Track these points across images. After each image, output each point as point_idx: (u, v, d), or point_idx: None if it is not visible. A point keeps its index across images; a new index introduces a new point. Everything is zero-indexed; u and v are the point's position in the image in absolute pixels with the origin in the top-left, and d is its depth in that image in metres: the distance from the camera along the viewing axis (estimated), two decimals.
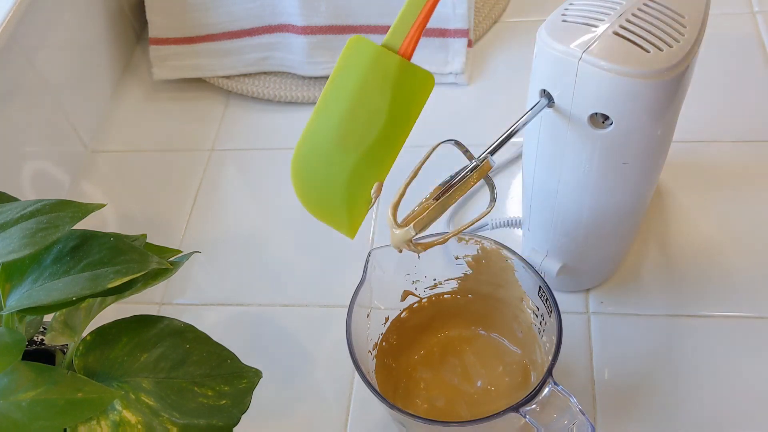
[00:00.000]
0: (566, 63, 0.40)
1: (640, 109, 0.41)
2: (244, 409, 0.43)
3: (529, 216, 0.54)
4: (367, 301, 0.49)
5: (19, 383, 0.36)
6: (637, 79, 0.39)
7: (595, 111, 0.41)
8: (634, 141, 0.43)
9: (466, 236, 0.50)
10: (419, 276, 0.52)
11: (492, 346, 0.52)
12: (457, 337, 0.53)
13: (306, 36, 0.76)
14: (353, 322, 0.46)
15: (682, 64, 0.40)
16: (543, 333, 0.49)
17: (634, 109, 0.41)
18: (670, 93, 0.41)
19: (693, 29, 0.41)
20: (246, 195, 0.71)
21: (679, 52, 0.40)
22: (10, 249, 0.38)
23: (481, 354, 0.52)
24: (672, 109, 0.43)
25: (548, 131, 0.45)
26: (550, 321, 0.46)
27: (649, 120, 0.42)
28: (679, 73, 0.40)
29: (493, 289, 0.52)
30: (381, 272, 0.49)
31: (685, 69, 0.40)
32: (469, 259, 0.51)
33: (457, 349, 0.53)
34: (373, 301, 0.50)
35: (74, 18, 0.76)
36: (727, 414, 0.52)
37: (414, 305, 0.54)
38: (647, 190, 0.51)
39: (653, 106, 0.41)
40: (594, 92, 0.41)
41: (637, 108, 0.41)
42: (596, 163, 0.45)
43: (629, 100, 0.41)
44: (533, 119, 0.43)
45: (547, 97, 0.43)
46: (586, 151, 0.44)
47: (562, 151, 0.45)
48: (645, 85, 0.40)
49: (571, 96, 0.41)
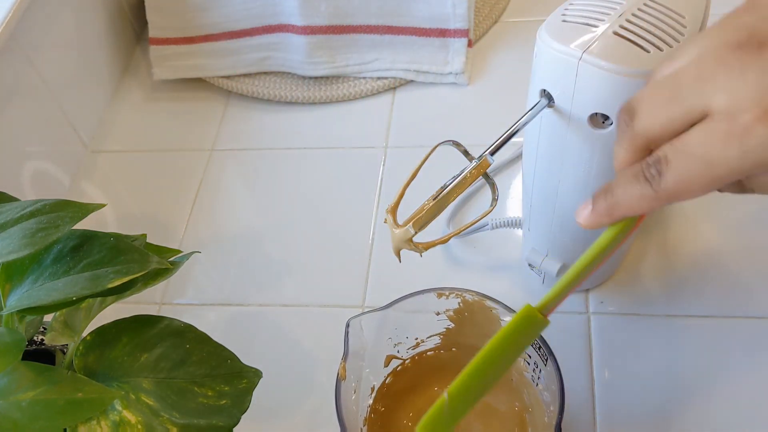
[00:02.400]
0: (566, 63, 0.40)
1: None
2: (244, 409, 0.43)
3: (529, 216, 0.54)
4: (353, 375, 0.48)
5: (19, 383, 0.36)
6: (637, 79, 0.39)
7: (595, 111, 0.41)
8: None
9: (446, 291, 0.49)
10: (401, 338, 0.52)
11: (484, 398, 0.51)
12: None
13: (306, 36, 0.76)
14: (342, 404, 0.45)
15: None
16: (538, 381, 0.48)
17: None
18: None
19: (693, 29, 0.41)
20: (246, 195, 0.71)
21: None
22: (10, 249, 0.38)
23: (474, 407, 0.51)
24: None
25: (548, 131, 0.45)
26: (546, 370, 0.46)
27: None
28: None
29: (479, 340, 0.50)
30: (361, 341, 0.48)
31: None
32: (450, 313, 0.50)
33: None
34: (358, 372, 0.49)
35: (74, 18, 0.76)
36: (728, 414, 0.52)
37: (398, 368, 0.53)
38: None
39: None
40: (594, 92, 0.41)
41: None
42: (596, 163, 0.45)
43: None
44: (533, 119, 0.43)
45: (547, 97, 0.43)
46: (586, 151, 0.44)
47: (562, 151, 0.45)
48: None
49: (571, 96, 0.41)
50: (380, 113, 0.75)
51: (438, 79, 0.76)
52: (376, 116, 0.75)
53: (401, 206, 0.43)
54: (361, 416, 0.50)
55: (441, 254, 0.63)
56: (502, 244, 0.64)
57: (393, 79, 0.77)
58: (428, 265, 0.62)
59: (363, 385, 0.50)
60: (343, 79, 0.78)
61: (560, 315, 0.58)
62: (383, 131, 0.73)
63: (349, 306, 0.62)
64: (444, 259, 0.63)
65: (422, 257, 0.45)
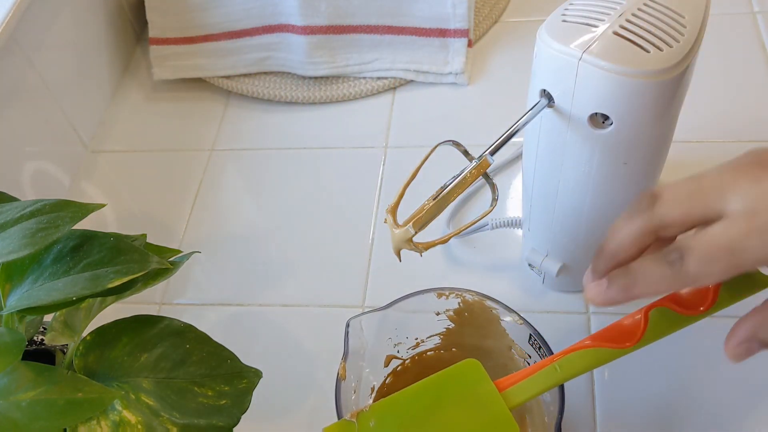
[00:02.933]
0: (566, 63, 0.40)
1: (641, 109, 0.41)
2: (244, 409, 0.43)
3: (529, 216, 0.54)
4: (353, 375, 0.48)
5: (19, 383, 0.36)
6: (637, 79, 0.39)
7: (595, 111, 0.41)
8: (634, 141, 0.43)
9: (446, 291, 0.49)
10: (401, 338, 0.51)
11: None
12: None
13: (306, 36, 0.76)
14: (342, 404, 0.45)
15: (682, 64, 0.40)
16: None
17: (635, 109, 0.41)
18: (671, 93, 0.41)
19: (693, 29, 0.41)
20: (246, 195, 0.71)
21: (679, 52, 0.40)
22: (10, 249, 0.38)
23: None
24: (672, 109, 0.43)
25: (548, 131, 0.45)
26: None
27: (650, 120, 0.42)
28: (679, 73, 0.40)
29: (479, 340, 0.51)
30: (361, 341, 0.48)
31: (685, 69, 0.40)
32: (450, 313, 0.50)
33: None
34: (358, 372, 0.49)
35: (74, 18, 0.76)
36: (728, 413, 0.52)
37: (398, 368, 0.53)
38: (648, 186, 0.51)
39: (653, 106, 0.41)
40: (594, 92, 0.41)
41: (638, 108, 0.41)
42: (596, 163, 0.45)
43: (629, 100, 0.41)
44: (533, 119, 0.43)
45: (547, 97, 0.43)
46: (586, 151, 0.44)
47: (562, 151, 0.45)
48: (645, 85, 0.40)
49: (571, 96, 0.41)
50: (380, 113, 0.75)
51: (438, 79, 0.76)
52: (376, 116, 0.75)
53: (401, 206, 0.43)
54: None
55: (441, 254, 0.63)
56: (502, 244, 0.63)
57: (393, 79, 0.77)
58: (428, 265, 0.62)
59: (363, 385, 0.50)
60: (343, 79, 0.78)
61: (560, 315, 0.58)
62: (383, 131, 0.73)
63: (349, 306, 0.62)
64: (444, 259, 0.63)
65: (422, 257, 0.45)
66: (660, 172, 0.51)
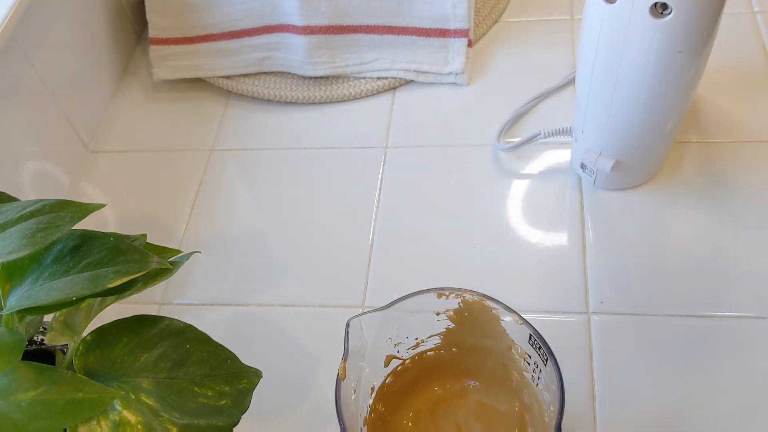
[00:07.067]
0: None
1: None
2: (244, 409, 0.43)
3: (584, 118, 0.59)
4: (353, 375, 0.48)
5: (19, 383, 0.36)
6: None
7: (655, 1, 0.46)
8: (690, 28, 0.48)
9: (446, 291, 0.49)
10: (401, 338, 0.51)
11: (483, 398, 0.51)
12: (446, 393, 0.52)
13: (306, 36, 0.76)
14: (342, 404, 0.45)
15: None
16: (538, 381, 0.48)
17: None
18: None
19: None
20: (246, 195, 0.71)
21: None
22: (10, 249, 0.38)
23: (473, 407, 0.51)
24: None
25: (609, 27, 0.50)
26: (546, 370, 0.46)
27: (705, 6, 0.47)
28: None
29: (479, 340, 0.51)
30: (361, 341, 0.48)
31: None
32: (450, 313, 0.50)
33: (447, 405, 0.51)
34: (358, 372, 0.49)
35: (74, 18, 0.76)
36: (728, 413, 0.52)
37: (398, 368, 0.52)
38: (695, 83, 0.56)
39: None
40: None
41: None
42: (654, 53, 0.49)
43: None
44: (592, 23, 0.50)
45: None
46: (645, 41, 0.49)
47: (621, 47, 0.50)
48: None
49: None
50: (380, 113, 0.75)
51: (438, 79, 0.76)
52: (376, 116, 0.75)
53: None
54: (361, 416, 0.50)
55: (447, 243, 0.63)
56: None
57: (393, 79, 0.77)
58: (428, 264, 0.62)
59: (363, 385, 0.50)
60: (343, 79, 0.78)
61: (560, 315, 0.58)
62: (383, 131, 0.73)
63: (349, 306, 0.62)
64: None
65: (422, 256, 0.45)
66: (706, 64, 0.55)
